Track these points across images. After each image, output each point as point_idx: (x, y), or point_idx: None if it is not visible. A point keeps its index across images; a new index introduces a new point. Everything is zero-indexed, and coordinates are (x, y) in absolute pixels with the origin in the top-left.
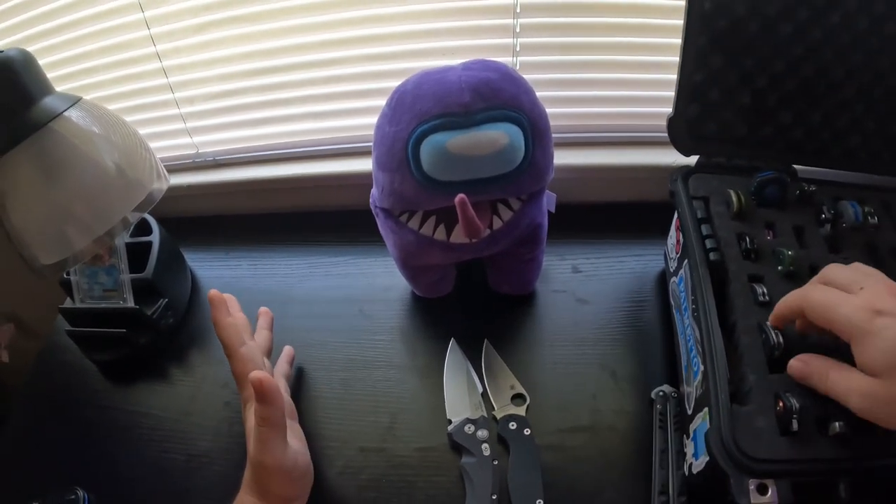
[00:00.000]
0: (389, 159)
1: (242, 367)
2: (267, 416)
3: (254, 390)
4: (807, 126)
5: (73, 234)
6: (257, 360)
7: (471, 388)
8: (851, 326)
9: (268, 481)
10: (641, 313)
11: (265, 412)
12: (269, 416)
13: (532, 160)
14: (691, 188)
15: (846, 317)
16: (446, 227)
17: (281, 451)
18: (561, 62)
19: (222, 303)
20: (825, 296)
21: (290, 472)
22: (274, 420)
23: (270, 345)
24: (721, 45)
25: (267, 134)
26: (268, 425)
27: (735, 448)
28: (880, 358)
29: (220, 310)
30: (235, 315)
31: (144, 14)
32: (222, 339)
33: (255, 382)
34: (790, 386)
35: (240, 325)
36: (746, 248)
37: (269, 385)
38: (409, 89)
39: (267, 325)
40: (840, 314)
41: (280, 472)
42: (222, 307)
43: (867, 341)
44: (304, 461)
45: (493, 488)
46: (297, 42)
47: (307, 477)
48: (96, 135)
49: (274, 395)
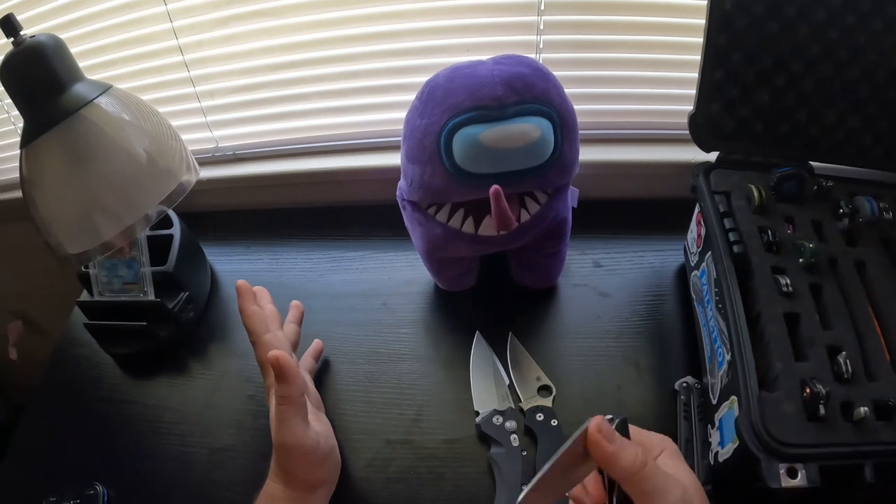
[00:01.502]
0: (420, 151)
1: (266, 354)
2: (285, 395)
3: (272, 368)
4: (822, 124)
5: (102, 224)
6: (282, 348)
7: (497, 379)
8: (662, 443)
9: (290, 463)
10: (662, 307)
11: (283, 390)
12: (288, 394)
13: (560, 154)
14: (713, 183)
15: (653, 435)
16: (474, 220)
17: (301, 431)
18: (584, 60)
19: (248, 292)
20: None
21: (311, 453)
22: (292, 398)
23: (297, 338)
24: (741, 44)
25: (287, 129)
26: (286, 403)
27: (765, 433)
28: (689, 469)
29: (246, 298)
30: (264, 306)
31: (167, 7)
32: (247, 326)
33: (272, 360)
34: (816, 373)
35: (267, 315)
36: (768, 241)
37: (285, 362)
38: (441, 83)
39: (295, 318)
40: (648, 434)
41: (300, 453)
42: (248, 296)
43: (677, 456)
44: (327, 444)
45: (521, 478)
46: (318, 37)
47: (330, 461)
48: (127, 122)
49: (291, 373)
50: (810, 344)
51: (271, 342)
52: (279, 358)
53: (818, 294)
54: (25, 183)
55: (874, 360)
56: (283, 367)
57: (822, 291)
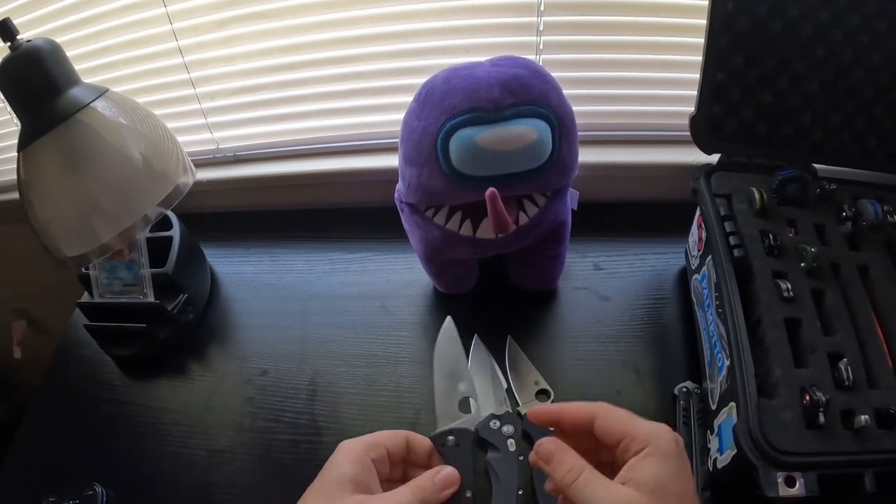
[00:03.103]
0: (417, 154)
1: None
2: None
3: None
4: (826, 126)
5: (99, 226)
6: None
7: (495, 383)
8: (649, 436)
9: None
10: (662, 310)
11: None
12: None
13: (559, 156)
14: (714, 186)
15: (648, 427)
16: (472, 223)
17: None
18: (584, 60)
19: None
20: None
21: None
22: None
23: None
24: (743, 44)
25: (287, 130)
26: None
27: (763, 441)
28: (666, 470)
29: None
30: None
31: (167, 9)
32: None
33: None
34: (816, 380)
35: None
36: (769, 245)
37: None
38: (438, 84)
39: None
40: (642, 423)
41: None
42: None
43: (659, 457)
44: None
45: (518, 484)
46: (318, 38)
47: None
48: (123, 126)
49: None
50: (811, 350)
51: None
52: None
53: (820, 299)
54: (23, 186)
55: (876, 367)
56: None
57: (824, 296)
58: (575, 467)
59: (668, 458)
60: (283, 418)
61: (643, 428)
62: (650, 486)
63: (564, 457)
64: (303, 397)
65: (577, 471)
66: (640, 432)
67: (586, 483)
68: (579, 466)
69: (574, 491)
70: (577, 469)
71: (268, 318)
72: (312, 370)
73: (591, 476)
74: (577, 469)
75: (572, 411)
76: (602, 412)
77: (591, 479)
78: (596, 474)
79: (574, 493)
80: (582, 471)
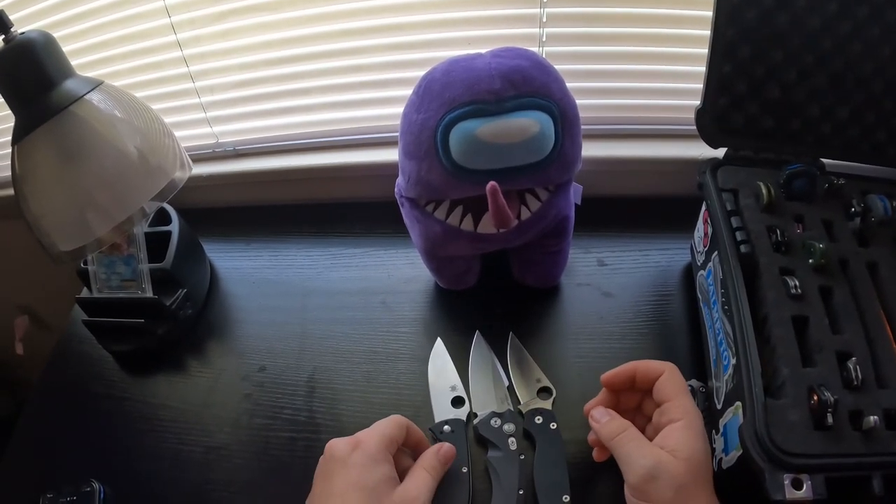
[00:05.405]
0: (417, 147)
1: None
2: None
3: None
4: (835, 120)
5: (94, 221)
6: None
7: (497, 381)
8: (689, 412)
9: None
10: (667, 307)
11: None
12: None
13: (561, 149)
14: (720, 180)
15: (691, 403)
16: (473, 217)
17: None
18: (587, 53)
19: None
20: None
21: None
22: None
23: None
24: (750, 37)
25: (288, 124)
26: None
27: (769, 442)
28: (698, 445)
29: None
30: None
31: (166, 2)
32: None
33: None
34: (824, 379)
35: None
36: (777, 241)
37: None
38: (438, 77)
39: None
40: (688, 398)
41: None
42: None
43: (694, 431)
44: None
45: (519, 483)
46: (318, 31)
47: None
48: (118, 119)
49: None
50: (819, 349)
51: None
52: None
53: (828, 296)
54: (17, 180)
55: (885, 366)
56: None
57: (833, 294)
58: (620, 426)
59: (700, 436)
60: (282, 415)
61: (686, 403)
62: (684, 454)
63: (613, 418)
64: (301, 394)
65: (622, 428)
66: (683, 405)
67: (630, 439)
68: (624, 425)
69: (616, 444)
70: (622, 426)
71: (267, 314)
72: (311, 366)
73: (633, 433)
74: (622, 426)
75: (645, 367)
76: (668, 372)
77: (633, 436)
78: (638, 434)
79: (616, 445)
80: (626, 429)
